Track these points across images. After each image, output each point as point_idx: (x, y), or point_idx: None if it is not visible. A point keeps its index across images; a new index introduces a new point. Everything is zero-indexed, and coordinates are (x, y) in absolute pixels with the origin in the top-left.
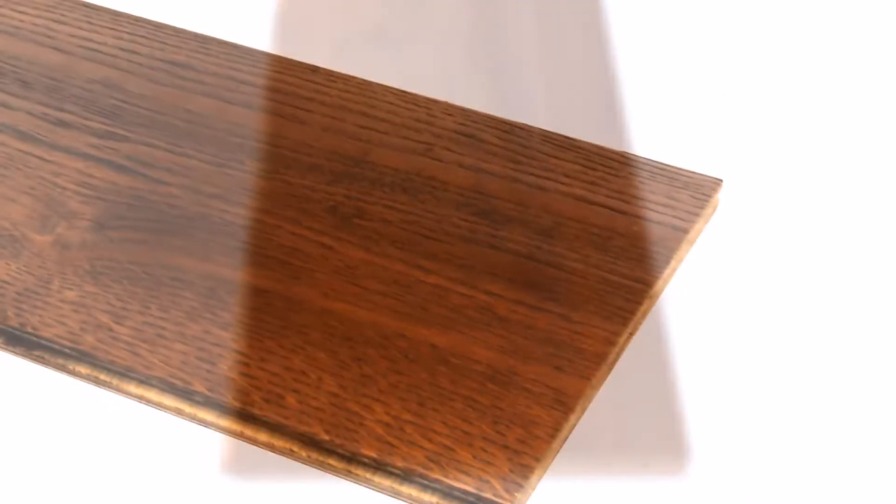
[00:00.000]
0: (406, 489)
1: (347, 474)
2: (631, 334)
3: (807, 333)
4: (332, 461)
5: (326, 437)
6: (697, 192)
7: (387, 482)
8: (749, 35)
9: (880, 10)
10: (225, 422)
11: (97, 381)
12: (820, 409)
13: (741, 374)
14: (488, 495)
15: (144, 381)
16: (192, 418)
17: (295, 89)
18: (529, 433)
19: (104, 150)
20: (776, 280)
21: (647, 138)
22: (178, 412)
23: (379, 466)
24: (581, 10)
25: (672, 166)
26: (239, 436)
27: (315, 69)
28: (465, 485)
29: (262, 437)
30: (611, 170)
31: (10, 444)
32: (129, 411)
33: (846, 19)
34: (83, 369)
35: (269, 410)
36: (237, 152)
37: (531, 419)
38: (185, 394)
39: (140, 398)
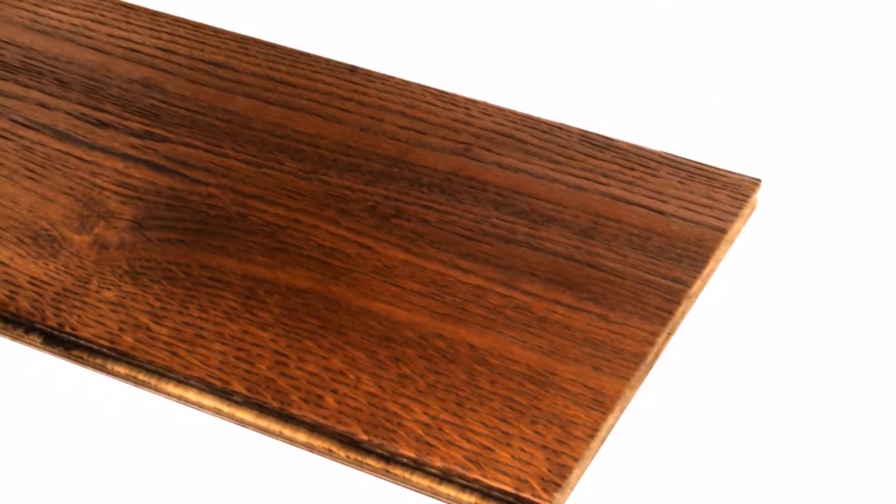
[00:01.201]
0: (444, 489)
1: (386, 474)
2: (669, 334)
3: (846, 335)
4: (370, 461)
5: (365, 438)
6: (736, 191)
7: (425, 482)
8: (791, 36)
9: None
10: (264, 422)
11: (136, 382)
12: (855, 411)
13: (780, 375)
14: (527, 495)
15: (183, 382)
16: (231, 418)
17: (333, 89)
18: (568, 433)
19: (143, 150)
20: (815, 280)
21: (685, 137)
22: (217, 412)
23: (417, 466)
24: (618, 9)
25: (710, 166)
26: (278, 436)
27: (353, 69)
28: (504, 485)
29: (301, 437)
30: (649, 169)
31: (49, 443)
32: (168, 411)
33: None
34: (122, 369)
35: (308, 410)
36: (276, 152)
37: (569, 419)
38: (224, 394)
39: (179, 398)
